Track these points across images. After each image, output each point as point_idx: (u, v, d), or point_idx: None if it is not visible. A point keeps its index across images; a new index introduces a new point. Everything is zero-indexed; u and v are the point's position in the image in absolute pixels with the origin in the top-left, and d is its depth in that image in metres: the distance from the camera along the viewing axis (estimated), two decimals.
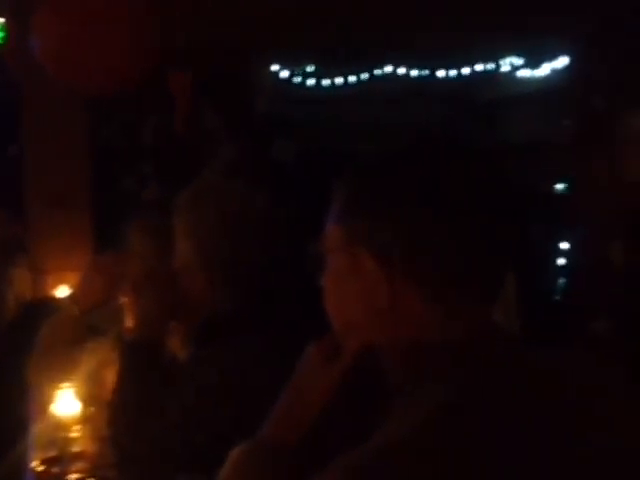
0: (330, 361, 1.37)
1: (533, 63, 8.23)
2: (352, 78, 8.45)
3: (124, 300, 2.38)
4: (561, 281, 6.62)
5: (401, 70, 8.26)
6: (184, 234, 2.18)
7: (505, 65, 8.26)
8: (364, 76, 8.41)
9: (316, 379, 1.37)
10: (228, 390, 2.02)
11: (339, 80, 8.49)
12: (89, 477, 2.43)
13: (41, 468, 2.48)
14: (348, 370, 1.35)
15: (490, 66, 8.24)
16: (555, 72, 7.96)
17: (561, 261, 6.66)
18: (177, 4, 4.72)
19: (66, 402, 2.56)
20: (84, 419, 2.56)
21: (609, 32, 5.67)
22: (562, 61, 7.73)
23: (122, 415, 2.19)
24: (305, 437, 1.36)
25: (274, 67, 8.12)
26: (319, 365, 1.37)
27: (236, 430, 1.48)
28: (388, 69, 8.26)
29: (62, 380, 2.55)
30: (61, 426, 2.57)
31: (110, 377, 2.38)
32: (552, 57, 7.93)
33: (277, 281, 2.11)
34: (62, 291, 4.16)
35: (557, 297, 6.56)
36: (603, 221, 5.58)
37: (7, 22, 4.76)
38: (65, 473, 2.45)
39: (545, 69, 8.17)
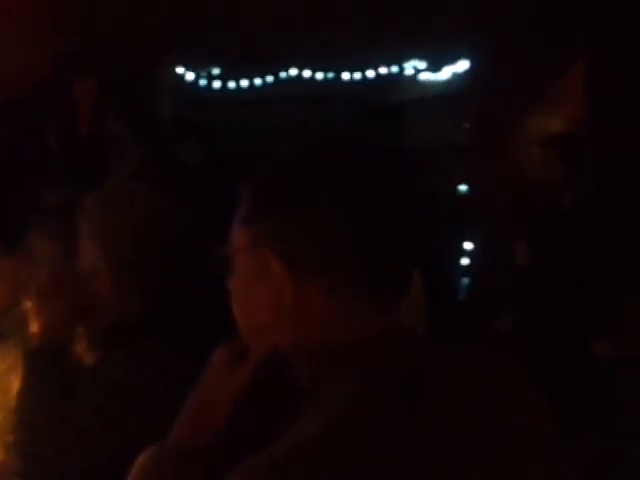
0: (237, 364, 1.37)
1: (435, 67, 8.34)
2: (257, 81, 8.44)
3: (29, 305, 2.34)
4: (465, 281, 6.71)
5: (306, 73, 8.28)
6: (90, 237, 2.16)
7: (409, 68, 8.35)
8: (270, 79, 8.40)
9: (224, 382, 1.37)
10: (136, 391, 2.01)
11: (244, 83, 8.47)
12: None
13: None
14: (255, 372, 1.36)
15: (394, 69, 8.32)
16: (456, 76, 8.08)
17: (465, 261, 6.76)
18: (81, 6, 4.67)
19: None
20: None
21: (507, 36, 5.78)
22: (463, 65, 7.85)
23: (27, 421, 2.16)
24: (215, 440, 1.36)
25: (179, 70, 8.06)
26: (226, 368, 1.37)
27: (145, 433, 1.48)
28: (293, 72, 8.28)
29: None
30: None
31: (16, 383, 2.34)
32: (453, 61, 8.04)
33: (184, 284, 2.11)
34: None
35: (461, 297, 6.65)
36: (506, 221, 5.68)
37: None
38: None
39: (446, 73, 8.29)
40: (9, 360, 2.54)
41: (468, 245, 6.79)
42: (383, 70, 8.24)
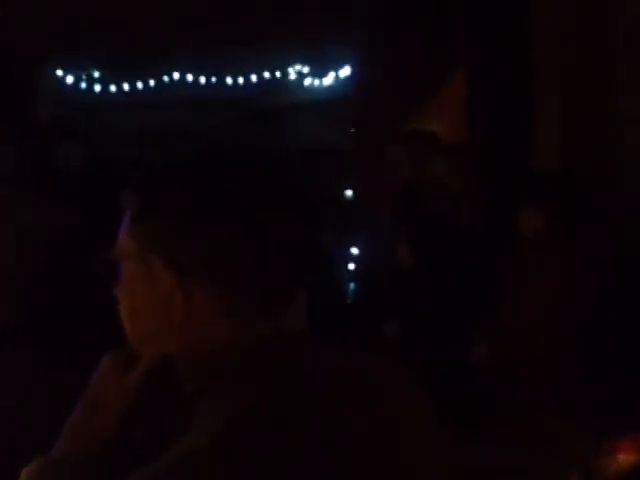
0: (125, 371, 1.35)
1: (319, 72, 8.40)
2: (139, 84, 8.36)
3: None
4: (352, 285, 6.77)
5: (189, 77, 8.24)
6: None
7: (292, 73, 8.40)
8: (152, 82, 8.33)
9: (112, 390, 1.34)
10: (11, 405, 1.97)
11: (126, 86, 8.38)
12: None
13: None
14: (144, 380, 1.34)
15: (277, 74, 8.35)
16: (339, 80, 8.16)
17: (351, 266, 6.82)
18: None
19: None
20: None
21: (390, 43, 5.86)
22: (346, 70, 7.94)
23: None
24: (103, 449, 1.34)
25: (59, 72, 7.92)
26: (114, 375, 1.35)
27: (27, 444, 1.44)
28: (176, 76, 8.23)
29: None
30: None
31: None
32: (337, 66, 8.12)
33: (65, 293, 2.07)
34: None
35: (348, 301, 6.71)
36: (388, 224, 5.75)
37: None
38: None
39: (330, 78, 8.36)
40: None
41: (354, 250, 6.85)
42: (267, 74, 8.27)
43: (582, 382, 3.26)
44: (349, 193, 7.56)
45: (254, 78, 8.30)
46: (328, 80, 8.39)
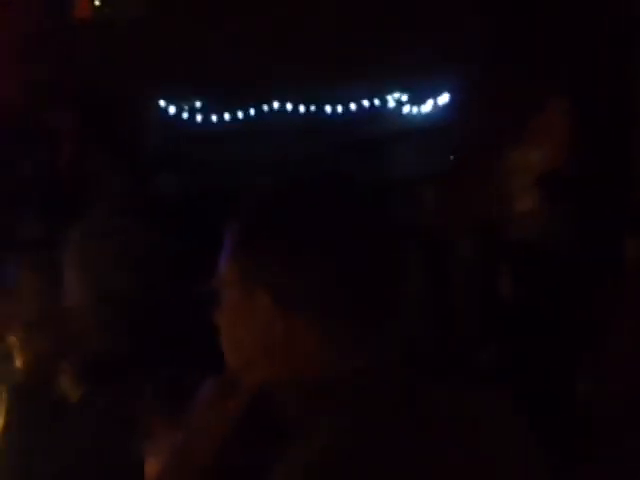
0: (226, 398, 1.36)
1: (418, 99, 8.39)
2: (240, 114, 8.47)
3: (13, 339, 2.33)
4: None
5: (288, 106, 8.32)
6: (75, 274, 2.14)
7: (391, 101, 8.40)
8: (251, 112, 8.43)
9: (213, 416, 1.36)
10: (122, 433, 1.99)
11: (227, 116, 8.50)
12: None
13: None
14: (244, 406, 1.35)
15: (376, 102, 8.37)
16: (438, 108, 8.14)
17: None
18: (63, 37, 4.68)
19: None
20: None
21: (489, 69, 5.82)
22: (445, 97, 7.91)
23: (9, 460, 2.14)
24: (203, 475, 1.35)
25: (161, 103, 8.08)
26: (216, 402, 1.37)
27: (131, 470, 1.47)
28: (275, 105, 8.31)
29: None
30: None
31: (0, 419, 2.32)
32: (435, 94, 8.10)
33: (170, 318, 2.10)
34: None
35: (444, 328, 6.64)
36: (490, 253, 5.69)
37: None
38: None
39: (428, 105, 8.34)
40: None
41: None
42: (365, 103, 8.29)
43: None
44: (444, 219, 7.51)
45: (353, 107, 8.33)
46: (426, 108, 8.37)
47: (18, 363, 2.27)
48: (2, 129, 5.85)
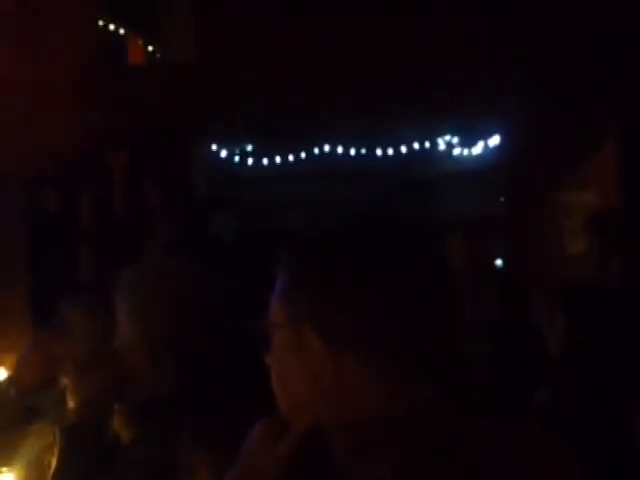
0: (277, 439, 1.36)
1: (468, 141, 8.39)
2: (291, 157, 8.53)
3: (65, 381, 2.34)
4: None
5: (339, 149, 8.36)
6: (127, 314, 2.16)
7: (442, 144, 8.41)
8: (302, 155, 8.49)
9: (264, 457, 1.35)
10: (174, 471, 1.99)
11: (277, 159, 8.56)
12: None
13: None
14: (295, 448, 1.34)
15: (427, 144, 8.38)
16: (488, 149, 8.12)
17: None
18: (116, 84, 4.75)
19: None
20: None
21: (538, 111, 5.81)
22: (495, 139, 7.89)
23: None
24: None
25: (213, 146, 8.17)
26: (267, 442, 1.36)
27: None
28: (326, 148, 8.36)
29: (2, 464, 2.49)
30: None
31: (53, 461, 2.33)
32: (486, 135, 8.09)
33: (221, 359, 2.10)
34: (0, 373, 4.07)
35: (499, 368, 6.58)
36: (544, 294, 5.65)
37: None
38: None
39: (479, 147, 8.34)
40: (47, 438, 2.53)
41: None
42: (416, 145, 8.31)
43: None
44: (499, 262, 7.47)
45: (404, 149, 8.35)
46: (477, 149, 8.37)
47: (70, 404, 2.28)
48: (63, 171, 5.95)
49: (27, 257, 4.88)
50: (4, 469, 2.50)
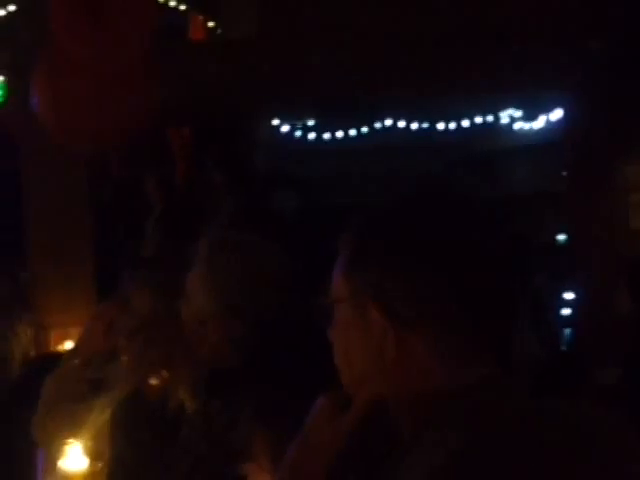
0: (339, 413, 1.37)
1: (530, 115, 8.31)
2: (352, 131, 8.51)
3: (124, 357, 2.39)
4: (566, 331, 6.60)
5: (401, 123, 8.32)
6: (204, 285, 2.16)
7: (504, 117, 8.34)
8: (364, 129, 8.46)
9: (326, 431, 1.36)
10: (236, 445, 2.01)
11: (339, 134, 8.55)
12: None
13: None
14: (358, 421, 1.35)
15: (489, 118, 8.31)
16: (551, 124, 8.03)
17: (566, 311, 6.65)
18: (176, 61, 4.78)
19: (74, 458, 2.54)
20: (92, 475, 2.54)
21: (602, 82, 5.73)
22: (557, 113, 7.80)
23: (120, 469, 2.18)
24: None
25: (275, 121, 8.18)
26: (329, 417, 1.37)
27: None
28: (388, 122, 8.32)
29: (68, 436, 2.53)
30: None
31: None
32: (548, 109, 8.00)
33: (291, 330, 2.10)
34: (67, 346, 4.15)
35: (563, 347, 6.54)
36: (606, 270, 5.59)
37: (8, 81, 4.80)
38: None
39: (541, 121, 8.25)
40: (111, 410, 2.57)
41: (569, 295, 6.68)
42: (478, 119, 8.24)
43: None
44: (562, 237, 7.40)
45: (466, 123, 8.29)
46: (539, 124, 8.28)
47: (130, 377, 2.31)
48: (122, 153, 6.02)
49: (93, 232, 4.95)
50: (72, 440, 2.56)
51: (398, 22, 5.24)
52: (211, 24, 6.19)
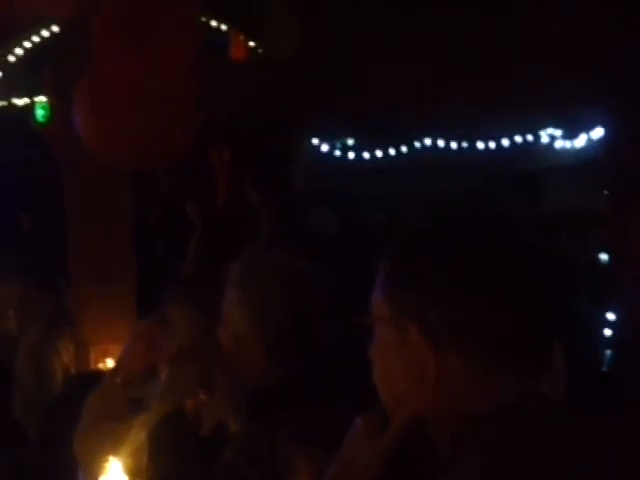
0: (378, 432, 1.37)
1: (571, 134, 8.26)
2: (392, 151, 8.51)
3: (163, 375, 2.40)
4: (608, 352, 6.53)
5: (440, 142, 8.31)
6: (239, 304, 2.17)
7: (544, 136, 8.30)
8: (404, 148, 8.46)
9: (365, 451, 1.36)
10: (277, 466, 2.01)
11: (379, 153, 8.55)
12: None
13: None
14: (396, 442, 1.35)
15: (529, 137, 8.27)
16: (592, 142, 7.98)
17: (608, 332, 6.58)
18: (216, 80, 4.81)
19: (114, 475, 2.56)
20: None
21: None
22: (598, 132, 7.75)
23: None
24: None
25: (314, 141, 8.19)
26: (367, 437, 1.37)
27: None
28: (427, 141, 8.31)
29: (108, 453, 2.55)
30: None
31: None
32: (589, 128, 7.95)
33: (326, 353, 2.10)
34: (108, 364, 4.18)
35: (604, 368, 6.47)
36: None
37: (50, 101, 4.85)
38: None
39: (582, 140, 8.20)
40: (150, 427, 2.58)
41: (611, 316, 6.61)
42: (518, 138, 8.21)
43: None
44: (604, 257, 7.34)
45: (506, 142, 8.26)
46: (580, 142, 8.23)
47: (168, 396, 2.32)
48: (163, 172, 6.06)
49: (134, 249, 4.98)
50: (112, 457, 2.57)
51: (438, 41, 5.26)
52: (252, 44, 6.23)
